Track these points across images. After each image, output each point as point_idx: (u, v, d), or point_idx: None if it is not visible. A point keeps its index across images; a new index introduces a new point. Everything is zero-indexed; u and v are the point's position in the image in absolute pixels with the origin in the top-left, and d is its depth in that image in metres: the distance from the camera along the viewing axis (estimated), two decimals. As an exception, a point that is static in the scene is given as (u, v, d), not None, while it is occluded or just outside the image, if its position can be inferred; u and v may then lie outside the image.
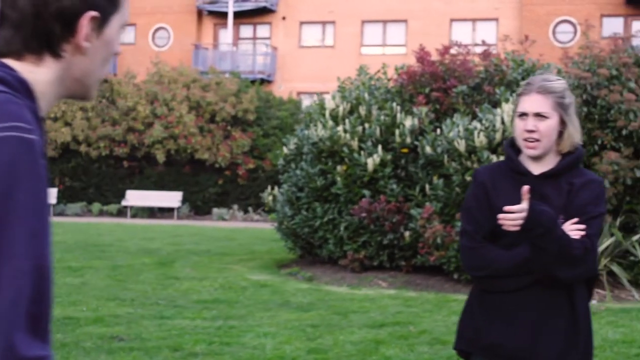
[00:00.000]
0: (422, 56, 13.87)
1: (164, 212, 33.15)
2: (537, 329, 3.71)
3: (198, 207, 33.15)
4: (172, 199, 32.39)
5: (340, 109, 14.44)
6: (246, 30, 41.22)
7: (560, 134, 3.77)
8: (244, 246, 19.34)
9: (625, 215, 12.62)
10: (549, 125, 3.73)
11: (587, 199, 3.71)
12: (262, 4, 39.51)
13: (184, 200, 32.83)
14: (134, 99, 32.22)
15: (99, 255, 16.44)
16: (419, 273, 13.70)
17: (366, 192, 13.70)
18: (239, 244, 19.87)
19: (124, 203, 32.38)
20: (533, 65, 13.44)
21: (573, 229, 3.63)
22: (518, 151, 3.87)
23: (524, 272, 3.66)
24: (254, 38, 41.01)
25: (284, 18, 40.11)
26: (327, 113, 14.53)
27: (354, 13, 39.04)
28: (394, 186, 13.54)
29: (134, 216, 32.33)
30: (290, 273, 14.31)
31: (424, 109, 13.46)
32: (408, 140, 13.56)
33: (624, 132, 12.26)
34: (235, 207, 32.12)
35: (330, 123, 14.19)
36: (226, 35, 40.57)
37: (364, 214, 13.50)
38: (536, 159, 3.80)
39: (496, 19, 37.02)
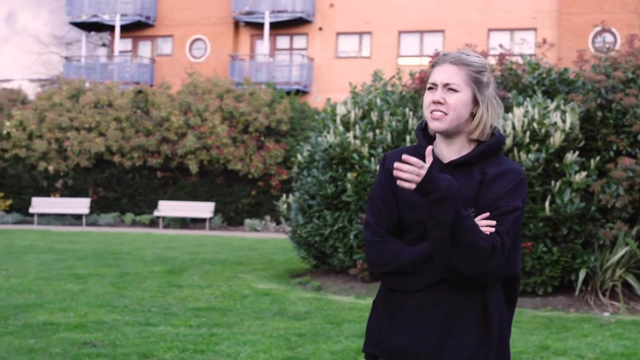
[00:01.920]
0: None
1: (197, 222, 32.92)
2: (444, 332, 3.27)
3: (231, 218, 32.89)
4: (204, 209, 32.16)
5: (352, 114, 14.07)
6: (283, 41, 41.02)
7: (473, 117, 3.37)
8: (264, 256, 19.02)
9: (642, 225, 12.10)
10: (459, 99, 3.31)
11: (501, 191, 3.26)
12: (299, 15, 39.27)
13: (216, 211, 32.58)
14: (168, 109, 32.10)
15: (111, 263, 16.20)
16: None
17: (376, 199, 13.27)
18: (260, 254, 19.55)
19: (156, 214, 32.20)
20: (549, 69, 12.98)
21: (482, 225, 3.20)
22: (432, 138, 3.48)
23: (428, 269, 3.25)
24: (291, 49, 40.78)
25: (320, 29, 39.85)
26: (338, 119, 14.17)
27: (391, 23, 38.68)
28: (404, 193, 13.10)
29: (166, 227, 32.13)
30: (300, 282, 13.95)
31: (435, 114, 13.03)
32: (419, 146, 13.14)
33: (639, 137, 11.75)
34: (268, 218, 31.82)
35: (341, 129, 13.83)
36: (263, 46, 40.41)
37: (372, 222, 13.07)
38: (448, 143, 3.38)
39: (534, 29, 36.41)
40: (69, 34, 51.66)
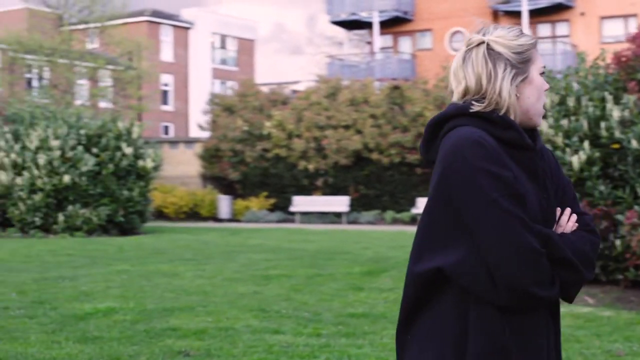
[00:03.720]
0: (634, 37, 12.00)
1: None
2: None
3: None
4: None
5: (547, 101, 12.86)
6: (544, 29, 39.30)
7: None
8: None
9: None
10: None
11: (564, 175, 2.89)
12: (557, 0, 37.42)
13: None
14: (422, 104, 31.54)
15: (316, 264, 15.82)
16: (638, 288, 11.86)
17: (572, 194, 12.02)
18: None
19: (413, 211, 31.64)
20: None
21: (574, 221, 2.75)
22: None
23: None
24: (553, 36, 38.99)
25: (582, 14, 37.80)
26: (531, 106, 12.99)
27: (660, 3, 36.11)
28: (602, 187, 11.80)
29: (425, 224, 31.40)
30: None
31: (632, 97, 11.62)
32: (617, 133, 11.78)
33: None
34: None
35: (535, 117, 12.66)
36: (522, 35, 38.96)
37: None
38: None
39: None
40: (339, 34, 52.30)
